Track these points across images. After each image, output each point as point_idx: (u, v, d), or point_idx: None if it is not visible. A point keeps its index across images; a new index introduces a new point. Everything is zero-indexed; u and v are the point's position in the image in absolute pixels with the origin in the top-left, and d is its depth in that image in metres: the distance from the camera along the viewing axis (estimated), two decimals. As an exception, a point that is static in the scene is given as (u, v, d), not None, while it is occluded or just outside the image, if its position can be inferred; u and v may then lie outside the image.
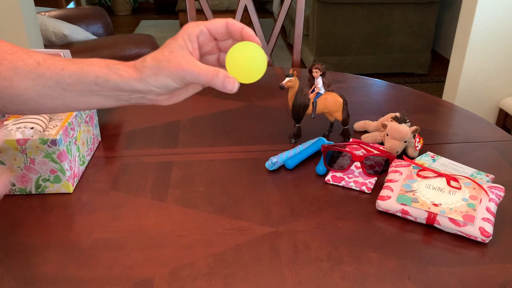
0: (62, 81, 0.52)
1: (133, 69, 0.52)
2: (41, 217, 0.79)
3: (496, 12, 2.10)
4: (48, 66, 0.52)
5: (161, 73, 0.51)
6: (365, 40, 3.38)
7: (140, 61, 0.53)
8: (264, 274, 0.67)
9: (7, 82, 0.51)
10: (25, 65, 0.52)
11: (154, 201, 0.84)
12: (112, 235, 0.75)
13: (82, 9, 3.04)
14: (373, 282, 0.66)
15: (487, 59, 2.22)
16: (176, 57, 0.51)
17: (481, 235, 0.72)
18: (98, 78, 0.52)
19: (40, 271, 0.68)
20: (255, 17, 1.61)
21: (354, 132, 1.07)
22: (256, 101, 1.23)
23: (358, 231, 0.76)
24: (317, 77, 0.96)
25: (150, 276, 0.67)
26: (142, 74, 0.52)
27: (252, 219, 0.79)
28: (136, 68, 0.52)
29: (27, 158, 0.81)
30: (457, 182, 0.78)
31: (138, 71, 0.52)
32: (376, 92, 1.31)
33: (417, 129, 0.94)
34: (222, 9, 3.38)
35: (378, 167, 0.90)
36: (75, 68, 0.52)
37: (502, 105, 2.31)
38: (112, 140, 1.04)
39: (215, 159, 0.96)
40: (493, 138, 1.05)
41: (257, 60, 0.51)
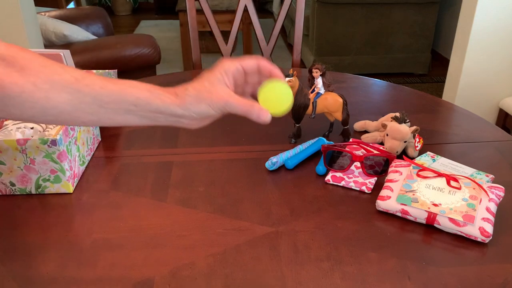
0: (99, 99, 0.56)
1: (174, 96, 0.58)
2: (41, 217, 0.79)
3: (496, 12, 2.10)
4: (86, 83, 0.55)
5: (202, 102, 0.57)
6: (365, 40, 3.38)
7: (182, 90, 0.58)
8: (264, 274, 0.67)
9: (43, 94, 0.54)
10: (62, 79, 0.54)
11: (154, 201, 0.84)
12: (112, 235, 0.75)
13: (82, 9, 3.05)
14: (373, 282, 0.66)
15: (487, 59, 2.22)
16: (216, 89, 0.57)
17: (481, 235, 0.72)
18: (139, 100, 0.57)
19: (40, 271, 0.68)
20: (255, 17, 1.61)
21: (354, 132, 1.07)
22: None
23: (358, 231, 0.76)
24: (317, 77, 0.96)
25: (150, 276, 0.67)
26: (185, 102, 0.57)
27: (252, 219, 0.79)
28: (177, 95, 0.58)
29: (27, 158, 0.81)
30: (457, 182, 0.78)
31: (180, 98, 0.58)
32: (376, 92, 1.31)
33: (417, 129, 0.94)
34: (222, 9, 3.37)
35: (378, 167, 0.90)
36: (115, 88, 0.56)
37: (502, 105, 2.31)
38: (112, 140, 1.04)
39: (215, 159, 0.96)
40: (493, 138, 1.05)
41: (286, 96, 0.60)
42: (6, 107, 0.54)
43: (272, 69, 0.62)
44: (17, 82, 0.53)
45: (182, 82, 0.60)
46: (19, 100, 0.53)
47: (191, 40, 1.61)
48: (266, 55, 1.64)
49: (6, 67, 0.53)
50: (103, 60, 2.32)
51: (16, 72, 0.53)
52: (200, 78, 0.59)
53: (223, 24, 3.22)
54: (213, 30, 1.61)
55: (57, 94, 0.54)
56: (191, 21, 1.60)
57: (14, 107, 0.54)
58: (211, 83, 0.58)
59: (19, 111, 0.54)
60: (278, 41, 4.27)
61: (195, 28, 1.61)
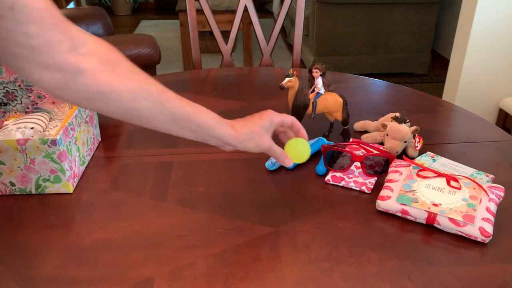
0: (175, 115, 0.65)
1: (232, 129, 0.70)
2: (41, 217, 0.79)
3: (496, 12, 2.10)
4: (167, 99, 0.64)
5: (251, 142, 0.72)
6: (365, 40, 3.38)
7: (239, 127, 0.71)
8: (264, 274, 0.67)
9: (129, 96, 0.61)
10: (148, 89, 0.63)
11: (154, 201, 0.84)
12: (112, 235, 0.75)
13: (82, 9, 3.05)
14: (373, 282, 0.66)
15: (487, 59, 2.22)
16: (264, 135, 0.73)
17: (481, 235, 0.72)
18: (206, 125, 0.68)
19: (40, 271, 0.68)
20: (255, 17, 1.61)
21: (354, 132, 1.07)
22: (256, 101, 1.23)
23: (358, 231, 0.76)
24: (317, 77, 0.96)
25: (150, 276, 0.67)
26: (239, 137, 0.71)
27: (252, 219, 0.79)
28: (235, 129, 0.70)
29: (27, 158, 0.81)
30: (457, 182, 0.78)
31: (236, 132, 0.70)
32: (376, 92, 1.31)
33: (417, 129, 0.94)
34: (222, 9, 3.37)
35: (378, 167, 0.90)
36: (190, 110, 0.66)
37: (502, 105, 2.31)
38: (112, 140, 1.04)
39: (215, 159, 0.96)
40: (493, 138, 1.05)
41: (306, 152, 0.79)
42: (95, 100, 0.60)
43: (300, 129, 0.78)
44: (110, 81, 0.59)
45: (182, 82, 0.60)
46: (108, 96, 0.60)
47: (191, 40, 1.61)
48: (266, 55, 1.64)
49: (104, 63, 0.59)
50: (103, 60, 2.32)
51: (111, 71, 0.59)
52: (253, 121, 0.72)
53: (223, 24, 3.23)
54: (213, 30, 1.61)
55: (141, 100, 0.62)
56: (191, 21, 1.60)
57: (100, 102, 0.60)
58: (262, 128, 0.72)
59: (103, 105, 0.61)
60: (278, 41, 4.27)
61: (195, 28, 1.61)
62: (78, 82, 0.58)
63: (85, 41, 0.58)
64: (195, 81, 1.37)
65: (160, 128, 0.67)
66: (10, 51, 0.53)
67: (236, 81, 1.39)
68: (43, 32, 0.53)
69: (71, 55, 0.56)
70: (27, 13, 0.51)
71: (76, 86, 0.58)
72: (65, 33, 0.55)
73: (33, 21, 0.52)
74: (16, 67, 0.56)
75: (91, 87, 0.58)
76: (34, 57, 0.54)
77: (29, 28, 0.51)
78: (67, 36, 0.56)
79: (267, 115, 0.74)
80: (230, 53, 1.65)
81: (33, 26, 0.52)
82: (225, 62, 1.65)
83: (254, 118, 0.73)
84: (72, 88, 0.58)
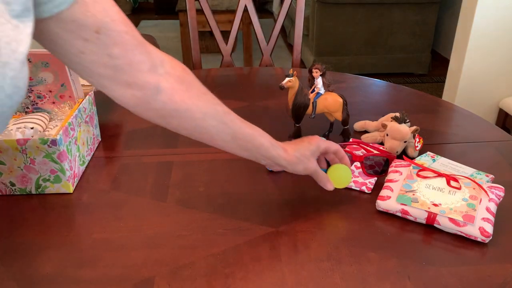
0: (236, 134, 0.70)
1: (285, 152, 0.74)
2: (41, 217, 0.79)
3: (496, 12, 2.10)
4: (231, 119, 0.69)
5: (300, 164, 0.76)
6: (365, 40, 3.38)
7: (291, 150, 0.75)
8: (264, 274, 0.67)
9: (201, 115, 0.66)
10: (216, 109, 0.68)
11: (154, 201, 0.84)
12: (112, 235, 0.75)
13: (82, 9, 3.04)
14: (373, 282, 0.66)
15: (487, 59, 2.22)
16: (311, 161, 0.77)
17: (481, 235, 0.72)
18: (262, 146, 0.72)
19: (40, 271, 0.68)
20: (255, 17, 1.61)
21: (354, 132, 1.07)
22: (256, 101, 1.23)
23: (358, 231, 0.76)
24: (317, 77, 0.96)
25: (150, 276, 0.67)
26: (290, 159, 0.75)
27: (252, 219, 0.79)
28: (287, 152, 0.74)
29: (27, 158, 0.81)
30: (457, 182, 0.78)
31: (288, 154, 0.74)
32: (376, 92, 1.31)
33: (417, 129, 0.94)
34: (222, 9, 3.36)
35: (378, 167, 0.90)
36: (249, 131, 0.71)
37: (502, 105, 2.31)
38: (112, 140, 1.04)
39: (215, 159, 0.96)
40: (493, 138, 1.05)
41: (348, 178, 0.82)
42: (170, 117, 0.65)
43: (344, 157, 0.81)
44: (185, 101, 0.64)
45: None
46: (182, 115, 0.65)
47: (191, 40, 1.61)
48: (266, 55, 1.64)
49: (180, 83, 0.64)
50: (103, 60, 2.32)
51: (185, 91, 0.65)
52: (303, 145, 0.76)
53: (223, 24, 3.22)
54: (213, 30, 1.61)
55: (210, 119, 0.67)
56: (191, 21, 1.59)
57: (174, 119, 0.66)
58: (311, 153, 0.76)
59: (177, 122, 0.66)
60: (278, 41, 4.27)
61: (195, 28, 1.60)
62: (157, 100, 0.62)
63: (163, 61, 0.63)
64: (195, 81, 1.37)
65: (220, 145, 0.71)
66: (95, 71, 0.57)
67: (236, 81, 1.39)
68: (126, 53, 0.57)
69: (151, 75, 0.61)
70: (111, 36, 0.55)
71: (154, 104, 0.63)
72: (145, 53, 0.60)
73: (117, 43, 0.56)
74: (100, 85, 0.60)
75: (168, 105, 0.63)
76: (117, 76, 0.59)
77: (113, 50, 0.55)
78: (147, 56, 0.60)
79: (315, 140, 0.77)
80: (230, 53, 1.65)
81: (117, 48, 0.56)
82: (225, 62, 1.65)
83: (303, 142, 0.77)
84: (151, 106, 0.63)
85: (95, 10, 0.52)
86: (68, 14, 0.51)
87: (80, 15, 0.51)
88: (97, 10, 0.52)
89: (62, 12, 0.50)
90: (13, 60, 0.42)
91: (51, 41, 0.53)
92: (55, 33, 0.52)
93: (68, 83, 0.94)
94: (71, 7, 0.50)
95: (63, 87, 0.94)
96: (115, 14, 0.55)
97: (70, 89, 0.95)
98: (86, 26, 0.52)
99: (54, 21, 0.51)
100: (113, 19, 0.54)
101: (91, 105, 0.98)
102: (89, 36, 0.53)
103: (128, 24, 0.57)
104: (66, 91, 0.95)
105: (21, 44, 0.43)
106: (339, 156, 0.81)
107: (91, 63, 0.56)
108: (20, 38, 0.43)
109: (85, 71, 0.57)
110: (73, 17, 0.51)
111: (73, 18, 0.51)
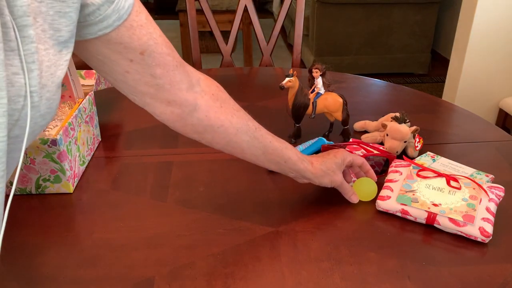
0: (265, 149, 0.73)
1: (311, 165, 0.76)
2: (41, 217, 0.79)
3: (496, 12, 2.10)
4: (261, 134, 0.72)
5: (326, 177, 0.78)
6: (365, 40, 3.38)
7: (317, 163, 0.77)
8: (264, 274, 0.67)
9: (234, 131, 0.69)
10: (247, 125, 0.71)
11: (154, 201, 0.84)
12: (112, 235, 0.75)
13: (82, 9, 3.04)
14: (373, 282, 0.66)
15: (487, 59, 2.22)
16: (337, 173, 0.79)
17: (481, 235, 0.72)
18: (290, 160, 0.74)
19: (40, 271, 0.68)
20: (255, 17, 1.61)
21: (354, 132, 1.07)
22: (256, 101, 1.23)
23: (358, 231, 0.76)
24: (317, 77, 0.96)
25: (150, 276, 0.67)
26: (316, 172, 0.77)
27: (252, 219, 0.79)
28: (313, 165, 0.77)
29: (27, 158, 0.81)
30: (457, 182, 0.78)
31: (314, 168, 0.77)
32: (376, 92, 1.31)
33: (417, 129, 0.94)
34: (222, 9, 3.36)
35: (378, 167, 0.90)
36: (278, 145, 0.73)
37: (502, 105, 2.31)
38: (112, 140, 1.04)
39: (215, 159, 0.96)
40: (493, 138, 1.05)
41: (374, 190, 0.83)
42: (205, 132, 0.69)
43: (369, 170, 0.83)
44: (220, 117, 0.68)
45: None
46: (217, 130, 0.68)
47: (191, 40, 1.61)
48: (266, 55, 1.64)
49: (214, 101, 0.68)
50: (103, 60, 2.32)
51: (220, 108, 0.68)
52: (329, 158, 0.78)
53: (223, 24, 3.22)
54: (213, 30, 1.61)
55: (241, 135, 0.70)
56: (191, 21, 1.59)
57: (209, 134, 0.69)
58: (335, 166, 0.78)
59: (211, 137, 0.70)
60: (278, 41, 4.26)
61: (195, 28, 1.60)
62: (194, 116, 0.66)
63: (199, 80, 0.67)
64: (195, 81, 1.37)
65: (250, 159, 0.74)
66: (138, 89, 0.61)
67: (236, 81, 1.39)
68: (167, 73, 0.61)
69: (189, 93, 0.65)
70: (154, 57, 0.58)
71: (191, 120, 0.67)
72: (184, 73, 0.64)
73: (159, 64, 0.59)
74: (142, 102, 0.64)
75: (203, 121, 0.67)
76: (159, 95, 0.63)
77: (156, 70, 0.59)
78: (186, 76, 0.64)
79: (341, 153, 0.80)
80: (230, 53, 1.65)
81: (159, 68, 0.60)
82: (225, 62, 1.65)
83: (329, 155, 0.79)
84: (188, 122, 0.67)
85: (141, 33, 0.56)
86: (115, 36, 0.54)
87: (127, 38, 0.55)
88: (142, 34, 0.56)
89: (109, 34, 0.53)
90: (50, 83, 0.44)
91: (99, 61, 0.57)
92: (102, 52, 0.55)
93: (68, 83, 0.94)
94: (117, 30, 0.53)
95: (63, 87, 0.94)
96: (158, 37, 0.58)
97: (70, 89, 0.95)
98: (132, 48, 0.56)
99: (102, 41, 0.54)
100: (156, 42, 0.58)
101: (91, 105, 0.98)
102: (134, 57, 0.57)
103: (169, 47, 0.61)
104: (66, 91, 0.95)
105: (59, 69, 0.46)
106: (364, 169, 0.83)
107: (135, 81, 0.60)
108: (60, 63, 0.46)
109: (129, 89, 0.61)
110: (120, 39, 0.54)
111: (120, 40, 0.54)
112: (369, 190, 0.82)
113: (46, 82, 0.43)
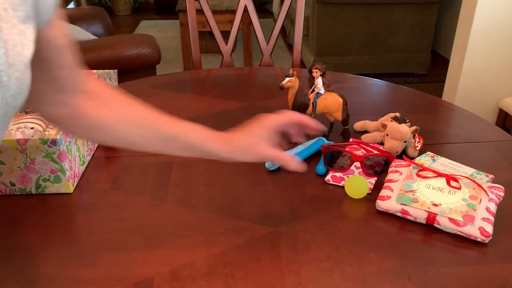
0: (165, 137, 0.68)
1: (222, 144, 0.70)
2: (41, 217, 0.79)
3: (496, 12, 2.10)
4: (156, 123, 0.68)
5: (247, 153, 0.71)
6: (365, 40, 3.38)
7: (229, 140, 0.70)
8: (264, 274, 0.67)
9: (122, 126, 0.66)
10: (139, 117, 0.68)
11: (154, 201, 0.84)
12: (112, 235, 0.75)
13: (82, 9, 3.04)
14: (373, 282, 0.66)
15: (487, 59, 2.22)
16: (261, 146, 0.71)
17: (481, 235, 0.72)
18: (194, 145, 0.69)
19: (40, 271, 0.68)
20: (255, 17, 1.61)
21: (354, 132, 1.07)
22: (256, 101, 1.23)
23: (358, 231, 0.76)
24: (317, 77, 0.96)
25: (150, 276, 0.67)
26: (232, 151, 0.70)
27: (252, 219, 0.79)
28: (227, 143, 0.70)
29: (27, 158, 0.81)
30: (457, 182, 0.78)
31: (226, 145, 0.70)
32: (376, 92, 1.31)
33: (417, 129, 0.94)
34: (222, 9, 3.36)
35: (378, 167, 0.90)
36: (177, 130, 0.69)
37: (502, 105, 2.31)
38: (112, 140, 1.04)
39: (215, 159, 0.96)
40: (493, 138, 1.05)
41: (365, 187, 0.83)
42: (92, 132, 0.67)
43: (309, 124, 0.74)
44: (101, 113, 0.65)
45: (182, 82, 0.60)
46: (102, 128, 0.66)
47: (191, 40, 1.61)
48: (266, 55, 1.64)
49: (90, 99, 0.65)
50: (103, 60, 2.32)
51: (102, 105, 0.65)
52: (248, 131, 0.71)
53: (223, 24, 3.22)
54: (213, 30, 1.61)
55: (133, 129, 0.67)
56: (191, 21, 1.60)
57: (98, 132, 0.67)
58: (256, 138, 0.71)
59: (102, 135, 0.67)
60: (278, 41, 4.27)
61: (195, 28, 1.61)
62: (78, 117, 0.65)
63: (82, 80, 0.65)
64: (195, 81, 1.37)
65: (157, 151, 0.71)
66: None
67: (236, 81, 1.39)
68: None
69: (73, 94, 0.63)
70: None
71: (77, 121, 0.65)
72: (73, 74, 0.62)
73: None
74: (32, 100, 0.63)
75: (85, 121, 0.65)
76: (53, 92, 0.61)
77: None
78: (73, 76, 0.62)
79: (258, 122, 0.72)
80: (230, 53, 1.65)
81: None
82: (225, 62, 1.65)
83: (249, 128, 0.72)
84: (75, 122, 0.65)
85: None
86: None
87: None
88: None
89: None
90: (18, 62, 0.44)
91: None
92: None
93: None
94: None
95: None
96: None
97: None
98: None
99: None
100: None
101: (91, 105, 0.98)
102: None
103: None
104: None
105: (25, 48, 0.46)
106: (304, 125, 0.75)
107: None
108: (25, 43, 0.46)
109: None
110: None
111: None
112: (361, 187, 0.82)
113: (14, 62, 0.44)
